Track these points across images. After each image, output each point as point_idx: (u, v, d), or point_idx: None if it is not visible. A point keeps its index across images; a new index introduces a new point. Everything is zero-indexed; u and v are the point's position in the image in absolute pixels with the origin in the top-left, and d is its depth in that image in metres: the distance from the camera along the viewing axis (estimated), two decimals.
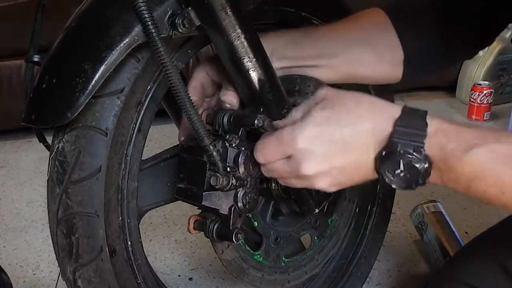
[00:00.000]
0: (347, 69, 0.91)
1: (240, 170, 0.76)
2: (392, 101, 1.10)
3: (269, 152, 0.72)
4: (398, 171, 0.65)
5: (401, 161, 0.64)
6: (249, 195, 0.78)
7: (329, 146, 0.67)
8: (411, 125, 0.66)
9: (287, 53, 0.85)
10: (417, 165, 0.64)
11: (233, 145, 0.76)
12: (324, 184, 0.70)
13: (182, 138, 0.84)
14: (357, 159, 0.68)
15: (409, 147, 0.64)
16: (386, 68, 0.94)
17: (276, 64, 0.82)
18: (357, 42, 0.89)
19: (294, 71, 0.86)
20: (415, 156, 0.64)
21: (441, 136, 0.65)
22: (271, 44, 0.82)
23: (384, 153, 0.66)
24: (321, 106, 0.68)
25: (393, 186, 0.67)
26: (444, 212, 1.37)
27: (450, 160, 0.64)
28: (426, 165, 0.65)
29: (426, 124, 0.66)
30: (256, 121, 0.75)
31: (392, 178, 0.66)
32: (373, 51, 0.91)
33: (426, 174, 0.65)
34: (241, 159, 0.76)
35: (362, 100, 0.69)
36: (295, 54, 0.85)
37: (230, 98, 0.80)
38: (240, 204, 0.77)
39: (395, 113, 0.67)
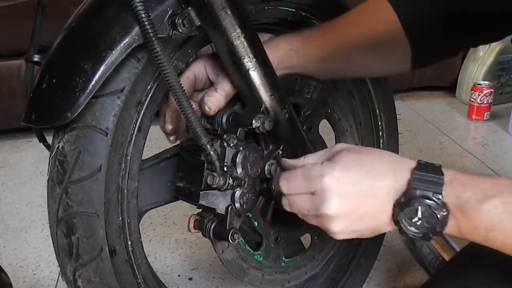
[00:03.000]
0: (353, 72, 0.91)
1: (237, 170, 0.76)
2: (392, 99, 1.11)
3: (294, 184, 0.72)
4: (416, 218, 0.66)
5: (419, 207, 0.65)
6: (247, 195, 0.78)
7: (355, 188, 0.68)
8: (428, 173, 0.67)
9: (290, 63, 0.84)
10: (435, 212, 0.65)
11: (231, 144, 0.76)
12: (340, 227, 0.70)
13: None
14: (377, 205, 0.68)
15: (427, 193, 0.65)
16: (394, 67, 0.94)
17: (279, 73, 0.82)
18: (365, 46, 0.88)
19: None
20: (433, 202, 0.65)
21: (457, 185, 0.66)
22: (272, 56, 0.80)
23: (403, 199, 0.67)
24: (347, 152, 0.70)
25: (410, 235, 0.67)
26: None
27: (467, 209, 0.65)
28: (444, 213, 0.65)
29: (443, 173, 0.67)
30: (254, 122, 0.75)
31: (409, 227, 0.66)
32: (381, 54, 0.91)
33: (444, 222, 0.65)
34: (239, 159, 0.76)
35: (382, 151, 0.73)
36: (298, 63, 0.85)
37: (213, 102, 0.78)
38: (237, 204, 0.77)
39: (412, 164, 0.69)
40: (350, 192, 0.68)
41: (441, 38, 0.92)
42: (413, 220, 0.66)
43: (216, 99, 0.78)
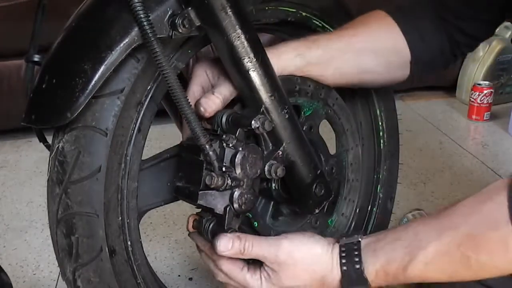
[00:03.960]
0: (354, 77, 0.92)
1: (236, 171, 0.76)
2: (392, 99, 1.11)
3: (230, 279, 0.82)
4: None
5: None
6: (246, 195, 0.78)
7: None
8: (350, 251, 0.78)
9: (294, 70, 0.85)
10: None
11: (230, 145, 0.76)
12: None
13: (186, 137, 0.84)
14: None
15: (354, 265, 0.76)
16: (394, 73, 0.96)
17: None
18: (365, 51, 0.90)
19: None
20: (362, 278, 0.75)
21: (382, 275, 0.76)
22: (277, 63, 0.81)
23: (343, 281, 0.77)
24: (284, 268, 0.78)
25: None
26: None
27: (397, 278, 0.75)
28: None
29: (366, 280, 0.76)
30: (253, 122, 0.75)
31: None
32: (382, 59, 0.92)
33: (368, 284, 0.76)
34: (237, 160, 0.76)
35: (314, 259, 0.79)
36: (302, 70, 0.85)
37: (209, 104, 0.78)
38: (235, 205, 0.77)
39: (338, 275, 0.78)
40: None
41: (437, 42, 0.94)
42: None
43: (212, 102, 0.78)
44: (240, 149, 0.76)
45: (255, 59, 0.76)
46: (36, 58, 0.77)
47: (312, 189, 0.87)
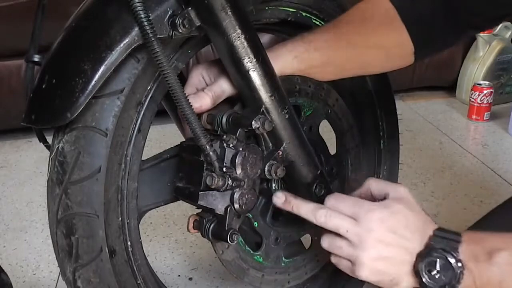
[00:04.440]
0: (355, 71, 0.91)
1: (237, 171, 0.76)
2: (392, 99, 1.11)
3: (342, 204, 0.78)
4: (434, 271, 0.72)
5: (438, 260, 0.72)
6: (246, 196, 0.78)
7: (390, 232, 0.75)
8: (447, 233, 0.75)
9: (293, 70, 0.84)
10: (453, 265, 0.71)
11: (231, 145, 0.76)
12: (366, 258, 0.75)
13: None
14: (402, 254, 0.75)
15: (445, 247, 0.72)
16: (396, 62, 0.94)
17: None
18: (367, 48, 0.89)
19: None
20: (451, 255, 0.72)
21: (472, 242, 0.73)
22: (275, 65, 0.80)
23: (424, 251, 0.74)
24: (399, 201, 0.77)
25: (428, 286, 0.73)
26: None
27: (479, 263, 0.71)
28: (460, 267, 0.71)
29: (459, 233, 0.74)
30: (254, 122, 0.75)
31: (428, 279, 0.73)
32: (384, 53, 0.91)
33: (459, 276, 0.71)
34: (238, 160, 0.76)
35: (423, 214, 0.79)
36: (300, 69, 0.85)
37: (195, 99, 0.77)
38: (236, 205, 0.77)
39: (435, 226, 0.77)
40: (386, 232, 0.75)
41: (441, 28, 0.92)
42: (432, 273, 0.72)
43: (199, 97, 0.77)
44: (241, 149, 0.76)
45: (255, 59, 0.76)
46: (36, 58, 0.77)
47: (312, 189, 0.87)
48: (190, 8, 0.71)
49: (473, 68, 2.36)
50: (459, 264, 0.71)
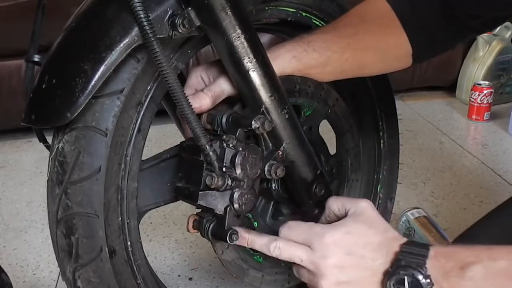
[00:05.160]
0: (354, 72, 0.91)
1: (236, 171, 0.76)
2: (392, 99, 1.11)
3: (294, 232, 0.76)
4: None
5: (406, 278, 0.68)
6: (246, 196, 0.78)
7: (348, 256, 0.72)
8: (415, 247, 0.71)
9: (292, 71, 0.84)
10: (421, 282, 0.68)
11: (230, 145, 0.76)
12: (327, 285, 0.73)
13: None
14: (366, 274, 0.72)
15: (413, 264, 0.69)
16: (394, 64, 0.95)
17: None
18: (365, 49, 0.89)
19: None
20: (418, 272, 0.68)
21: (441, 257, 0.69)
22: (274, 65, 0.80)
23: (390, 269, 0.70)
24: (357, 219, 0.75)
25: None
26: (428, 215, 1.38)
27: (451, 278, 0.68)
28: (429, 283, 0.68)
29: (428, 247, 0.71)
30: (253, 122, 0.75)
31: None
32: (382, 54, 0.91)
33: None
34: (238, 160, 0.76)
35: (386, 226, 0.76)
36: (300, 70, 0.85)
37: (194, 100, 0.76)
38: (236, 205, 0.77)
39: (402, 240, 0.73)
40: (343, 254, 0.72)
41: (440, 30, 0.92)
42: None
43: (198, 98, 0.77)
44: (240, 149, 0.76)
45: (255, 59, 0.76)
46: (36, 58, 0.77)
47: (312, 189, 0.87)
48: (190, 8, 0.71)
49: (473, 68, 2.36)
50: (427, 281, 0.68)
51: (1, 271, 0.95)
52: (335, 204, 0.79)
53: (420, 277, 0.68)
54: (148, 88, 0.76)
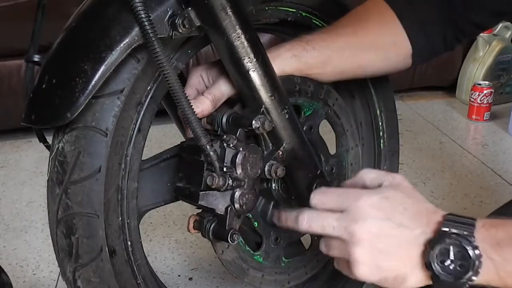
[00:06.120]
0: (354, 73, 0.91)
1: (237, 171, 0.76)
2: (392, 99, 1.11)
3: (327, 198, 0.70)
4: (448, 261, 0.62)
5: (451, 247, 0.62)
6: (247, 195, 0.78)
7: (386, 218, 0.65)
8: (459, 217, 0.65)
9: (292, 70, 0.84)
10: (469, 252, 0.61)
11: (231, 145, 0.76)
12: (362, 256, 0.65)
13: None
14: (404, 243, 0.65)
15: (459, 232, 0.62)
16: (396, 64, 0.95)
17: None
18: (365, 49, 0.89)
19: None
20: (466, 240, 0.61)
21: (489, 226, 0.63)
22: (274, 65, 0.80)
23: (433, 237, 0.64)
24: (394, 188, 0.68)
25: (442, 279, 0.62)
26: None
27: (503, 249, 0.62)
28: (478, 254, 0.61)
29: (474, 218, 0.64)
30: (254, 122, 0.75)
31: (441, 271, 0.62)
32: (382, 54, 0.91)
33: (478, 265, 0.61)
34: (238, 160, 0.76)
35: (424, 201, 0.69)
36: (300, 70, 0.85)
37: (196, 105, 0.75)
38: (236, 205, 0.77)
39: (444, 212, 0.67)
40: (380, 219, 0.65)
41: (440, 30, 0.93)
42: (445, 264, 0.62)
43: (199, 102, 0.77)
44: (241, 149, 0.76)
45: (255, 59, 0.76)
46: (36, 58, 0.77)
47: (312, 189, 0.87)
48: (190, 8, 0.71)
49: (473, 68, 2.36)
50: (476, 252, 0.61)
51: (1, 271, 0.95)
52: (368, 175, 0.72)
53: (469, 247, 0.61)
54: (148, 88, 0.76)
